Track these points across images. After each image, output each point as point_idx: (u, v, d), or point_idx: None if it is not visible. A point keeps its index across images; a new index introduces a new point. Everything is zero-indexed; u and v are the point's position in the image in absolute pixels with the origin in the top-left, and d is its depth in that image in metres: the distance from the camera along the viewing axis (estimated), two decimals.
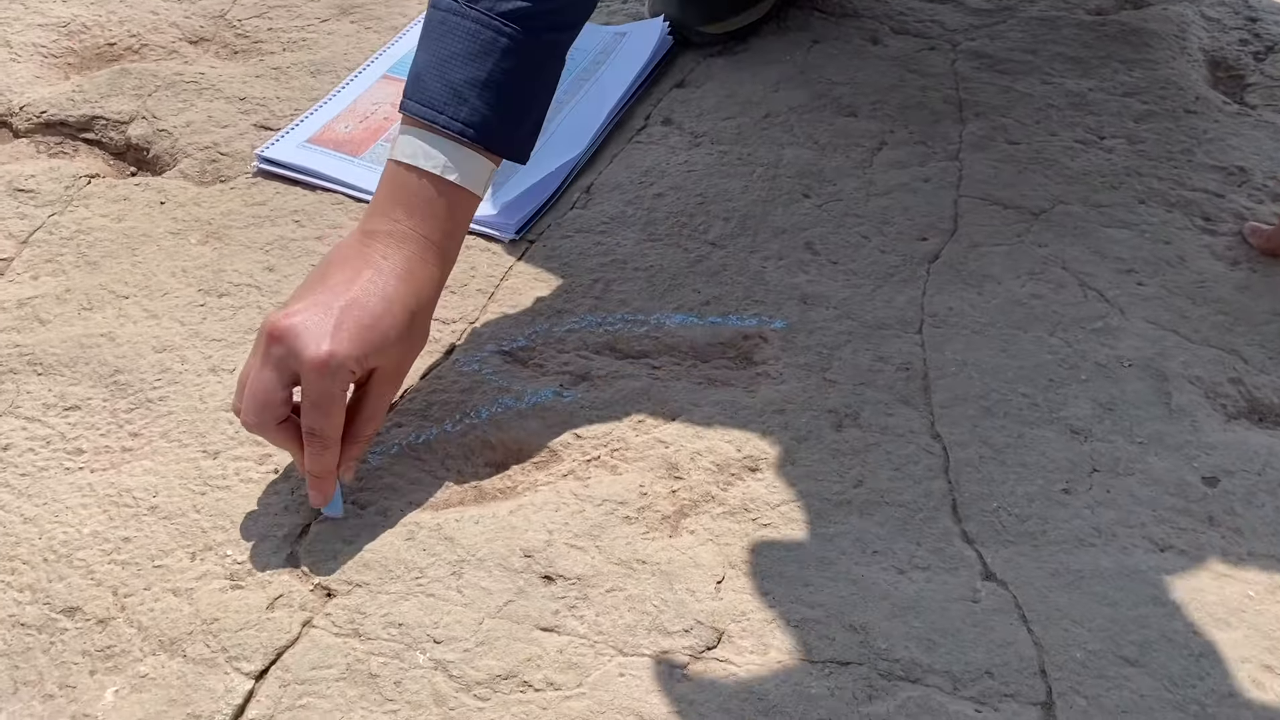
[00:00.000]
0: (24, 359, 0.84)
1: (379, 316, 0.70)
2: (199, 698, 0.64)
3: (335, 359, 0.67)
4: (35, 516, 0.74)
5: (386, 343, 0.70)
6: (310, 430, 0.69)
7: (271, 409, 0.69)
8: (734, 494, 0.75)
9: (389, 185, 0.75)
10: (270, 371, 0.68)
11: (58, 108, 1.08)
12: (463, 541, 0.72)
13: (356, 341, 0.68)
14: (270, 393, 0.68)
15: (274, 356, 0.68)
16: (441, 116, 0.74)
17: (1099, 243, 0.93)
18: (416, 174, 0.74)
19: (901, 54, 1.14)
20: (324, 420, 0.69)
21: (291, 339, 0.68)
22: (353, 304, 0.69)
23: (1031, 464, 0.77)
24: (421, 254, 0.73)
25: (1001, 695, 0.65)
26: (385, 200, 0.74)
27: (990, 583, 0.70)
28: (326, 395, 0.68)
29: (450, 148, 0.74)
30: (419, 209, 0.73)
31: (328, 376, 0.68)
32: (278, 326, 0.68)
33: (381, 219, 0.74)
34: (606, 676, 0.66)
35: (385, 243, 0.73)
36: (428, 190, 0.73)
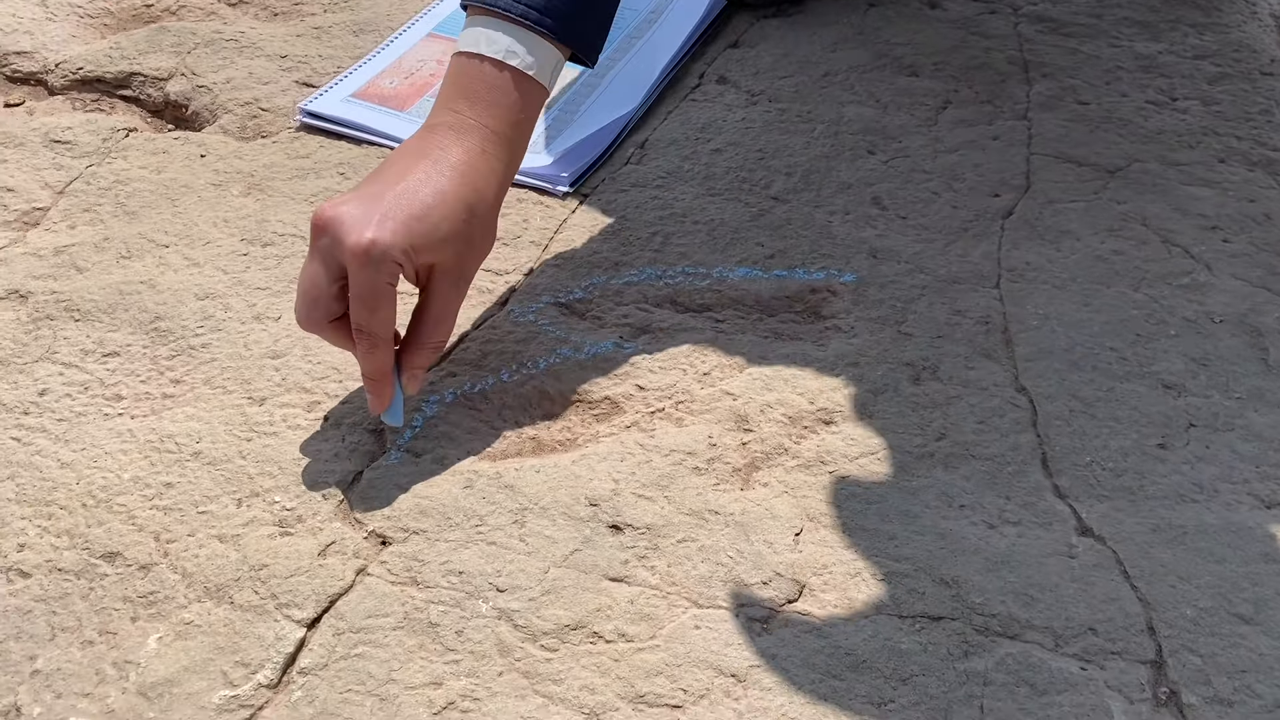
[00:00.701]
0: (61, 305, 0.80)
1: (430, 207, 0.65)
2: (247, 645, 0.60)
3: (377, 247, 0.63)
4: (73, 461, 0.70)
5: (437, 235, 0.65)
6: (357, 326, 0.64)
7: (320, 303, 0.64)
8: (808, 446, 0.71)
9: (451, 77, 0.70)
10: (317, 264, 0.64)
11: (95, 64, 1.05)
12: (524, 490, 0.68)
13: (402, 231, 0.64)
14: (318, 286, 0.64)
15: (320, 248, 0.64)
16: (516, 6, 0.69)
17: (1180, 200, 0.89)
18: (478, 61, 0.69)
19: (961, 17, 1.10)
20: (369, 315, 0.64)
21: (335, 227, 0.64)
22: (403, 193, 0.65)
23: (1124, 418, 0.72)
24: (483, 145, 0.68)
25: (1108, 653, 0.60)
26: (447, 92, 0.70)
27: (1087, 538, 0.66)
28: (370, 287, 0.63)
29: (515, 32, 0.69)
30: (481, 97, 0.69)
31: (370, 266, 0.63)
32: (323, 215, 0.64)
33: (442, 111, 0.69)
34: (681, 629, 0.61)
35: (445, 135, 0.68)
36: (490, 77, 0.69)
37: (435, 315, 0.68)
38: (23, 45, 1.07)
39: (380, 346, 0.65)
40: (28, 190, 0.91)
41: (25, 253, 0.85)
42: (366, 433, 0.72)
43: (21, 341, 0.78)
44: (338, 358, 0.76)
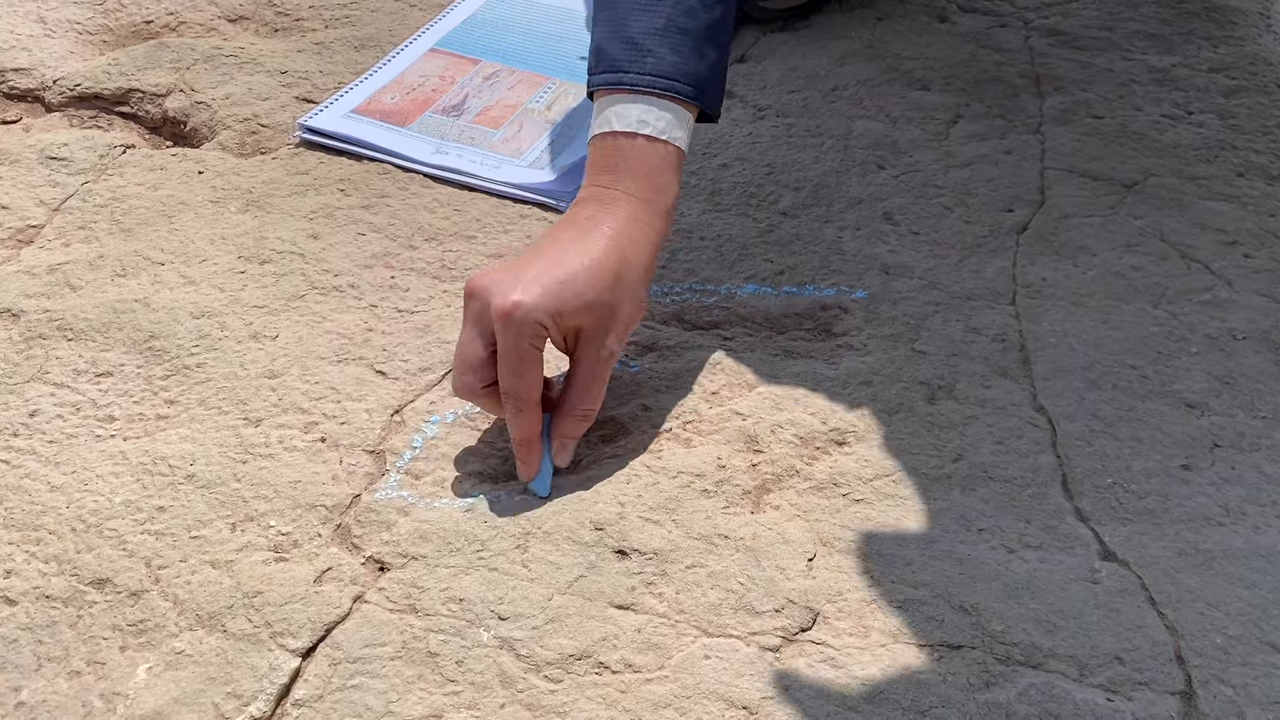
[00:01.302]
0: (54, 324, 0.78)
1: (575, 272, 0.65)
2: (240, 675, 0.58)
3: (520, 308, 0.63)
4: (63, 485, 0.68)
5: (582, 300, 0.65)
6: (504, 389, 0.65)
7: (475, 369, 0.65)
8: (820, 468, 0.69)
9: (592, 157, 0.71)
10: (470, 329, 0.65)
11: (92, 80, 1.03)
12: (527, 514, 0.66)
13: (548, 294, 0.64)
14: (472, 352, 0.65)
15: (472, 312, 0.65)
16: (628, 75, 0.70)
17: (1198, 215, 0.87)
18: (612, 139, 0.70)
19: (972, 31, 1.09)
20: (514, 377, 0.64)
21: (483, 293, 0.65)
22: (550, 260, 0.66)
23: (1146, 439, 0.70)
24: (633, 213, 0.68)
25: (1134, 683, 0.58)
26: (591, 171, 0.71)
27: (1110, 563, 0.64)
28: (515, 349, 0.64)
29: (642, 102, 0.70)
30: (622, 169, 0.70)
31: (514, 327, 0.63)
32: (474, 282, 0.65)
33: (589, 189, 0.70)
34: (690, 658, 0.59)
35: (591, 207, 0.69)
36: (626, 149, 0.70)
37: (582, 382, 0.67)
38: (20, 62, 1.05)
39: (526, 410, 0.65)
40: (22, 207, 0.89)
41: (18, 270, 0.83)
42: (365, 454, 0.70)
43: (13, 361, 0.76)
44: (335, 378, 0.74)
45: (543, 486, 0.67)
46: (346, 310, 0.80)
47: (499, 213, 0.89)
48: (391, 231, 0.86)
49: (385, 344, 0.77)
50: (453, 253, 0.85)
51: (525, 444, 0.66)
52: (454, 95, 0.99)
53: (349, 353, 0.76)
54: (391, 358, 0.76)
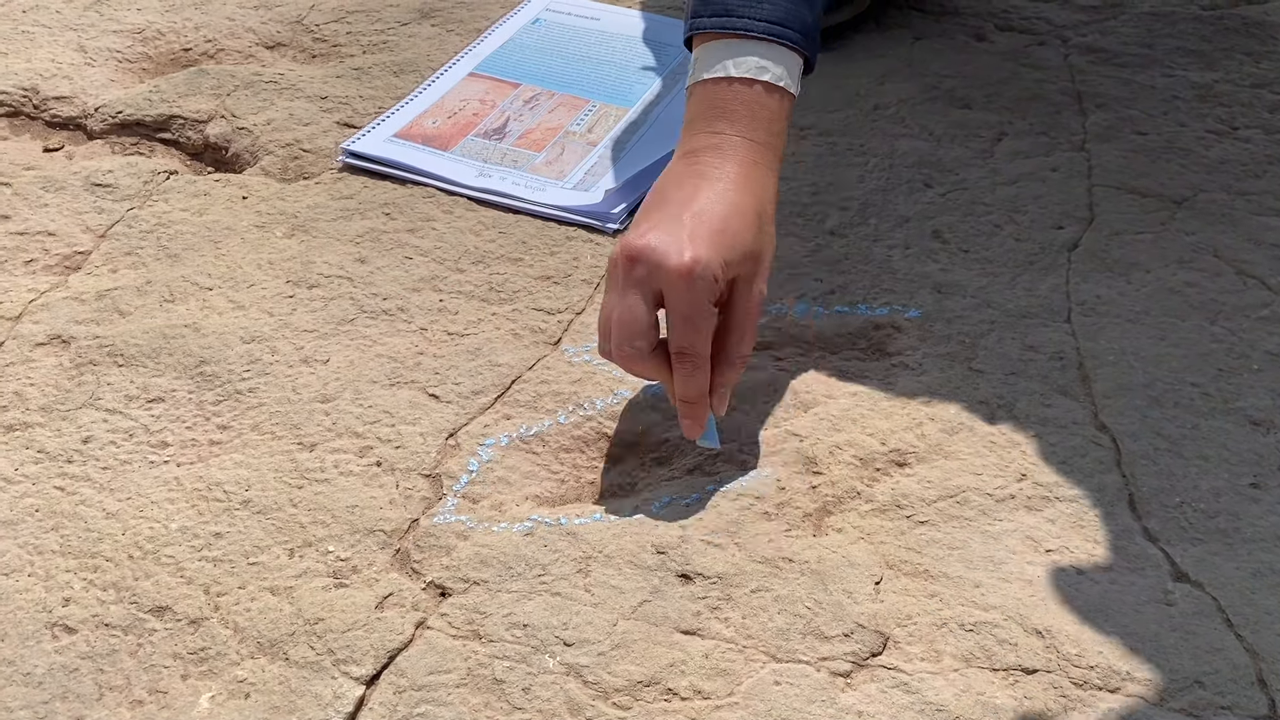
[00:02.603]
0: (104, 350, 0.78)
1: (727, 219, 0.66)
2: (305, 704, 0.57)
3: (700, 264, 0.64)
4: (118, 511, 0.68)
5: (741, 246, 0.66)
6: (681, 349, 0.65)
7: (644, 333, 0.65)
8: (882, 489, 0.68)
9: (700, 103, 0.71)
10: (634, 295, 0.65)
11: (134, 108, 1.04)
12: (587, 537, 0.65)
13: (715, 246, 0.65)
14: (639, 316, 0.65)
15: (635, 278, 0.65)
16: (741, 20, 0.70)
17: (1251, 230, 0.86)
18: (726, 84, 0.70)
19: (1010, 49, 1.08)
20: (694, 335, 0.65)
21: (650, 255, 0.64)
22: (699, 213, 0.66)
23: (1213, 457, 0.69)
24: (753, 157, 0.69)
25: (1217, 707, 0.57)
26: (699, 118, 0.70)
27: (1183, 584, 0.62)
28: (696, 306, 0.64)
29: (758, 49, 0.70)
30: (739, 115, 0.69)
31: (694, 285, 0.64)
32: (632, 246, 0.65)
33: (701, 136, 0.70)
34: (760, 684, 0.58)
35: (712, 155, 0.69)
36: (743, 95, 0.69)
37: (740, 327, 0.67)
38: (62, 90, 1.06)
39: (702, 367, 0.66)
40: (69, 234, 0.89)
41: (67, 297, 0.83)
42: (421, 478, 0.69)
43: (64, 388, 0.76)
44: (389, 402, 0.74)
45: (713, 439, 0.67)
46: (396, 334, 0.79)
47: (544, 235, 0.88)
48: (438, 255, 0.86)
49: (437, 367, 0.76)
50: (500, 275, 0.84)
51: (699, 401, 0.66)
52: (495, 119, 0.99)
53: (401, 376, 0.76)
54: (444, 381, 0.75)
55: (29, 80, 1.06)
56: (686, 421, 0.67)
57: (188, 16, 1.17)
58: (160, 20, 1.16)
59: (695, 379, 0.66)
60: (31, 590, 0.63)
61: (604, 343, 0.67)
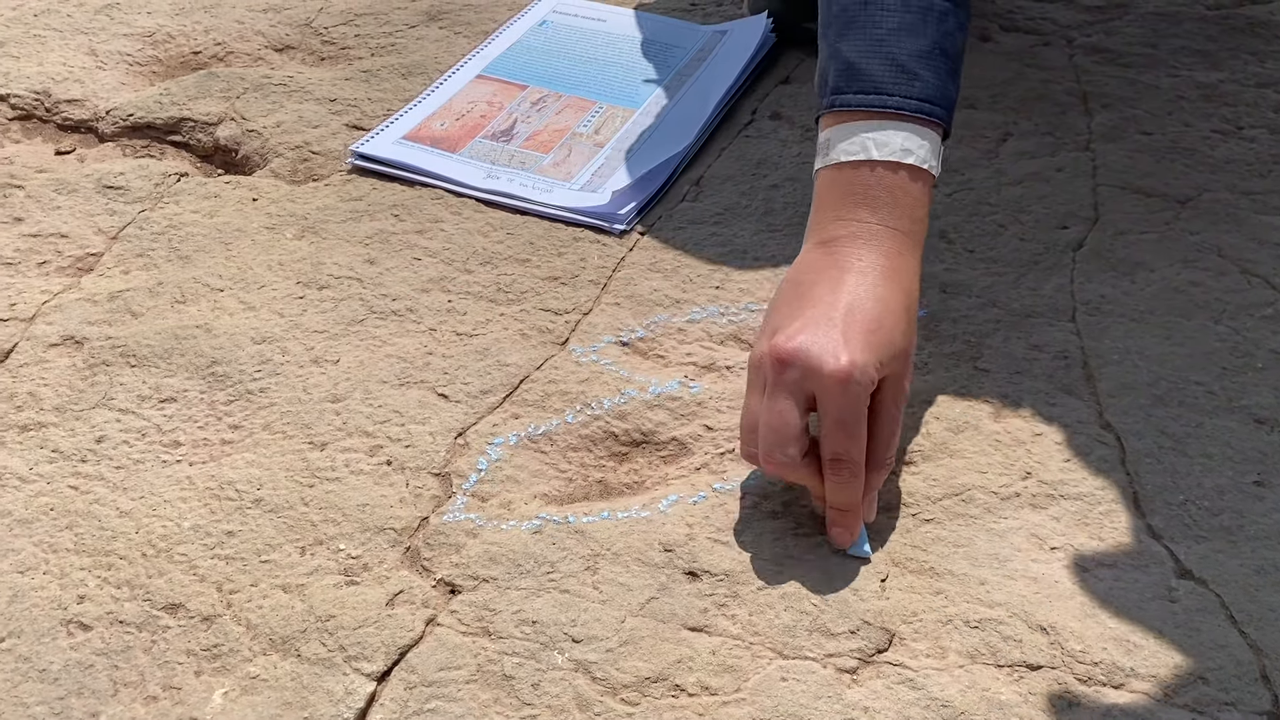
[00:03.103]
0: (116, 351, 0.79)
1: (880, 318, 0.63)
2: (316, 700, 0.58)
3: (857, 368, 0.61)
4: (132, 510, 0.68)
5: (894, 345, 0.63)
6: (837, 456, 0.62)
7: (796, 439, 0.62)
8: (888, 487, 0.69)
9: (836, 187, 0.67)
10: (785, 399, 0.62)
11: (145, 110, 1.05)
12: (595, 535, 0.66)
13: (870, 347, 0.62)
14: (791, 422, 0.62)
15: (787, 382, 0.62)
16: (893, 99, 0.67)
17: (1256, 229, 0.86)
18: (868, 168, 0.66)
19: (1015, 49, 1.09)
20: (851, 441, 0.62)
21: (804, 358, 0.61)
22: (851, 311, 0.63)
23: (1217, 455, 0.69)
24: (897, 248, 0.66)
25: (1220, 703, 0.57)
26: (836, 204, 0.67)
27: (1187, 581, 0.63)
28: (852, 412, 0.61)
29: (904, 129, 0.67)
30: (882, 202, 0.66)
31: (851, 390, 0.61)
32: (783, 349, 0.62)
33: (839, 224, 0.67)
34: (767, 681, 0.59)
35: (853, 245, 0.66)
36: (886, 180, 0.66)
37: (888, 430, 0.64)
38: (73, 93, 1.07)
39: (859, 474, 0.62)
40: (81, 236, 0.90)
41: (80, 298, 0.84)
42: (430, 477, 0.70)
43: (78, 388, 0.76)
44: (398, 401, 0.75)
45: (864, 548, 0.64)
46: (406, 334, 0.80)
47: (552, 236, 0.89)
48: (446, 256, 0.87)
49: (446, 367, 0.77)
50: (508, 276, 0.85)
51: (853, 510, 0.63)
52: (502, 120, 1.00)
53: (410, 376, 0.76)
54: (453, 381, 0.76)
55: (40, 83, 1.07)
56: (837, 530, 0.64)
57: (197, 20, 1.18)
58: (170, 24, 1.17)
59: (851, 486, 0.62)
60: (47, 588, 0.64)
61: (747, 446, 0.65)
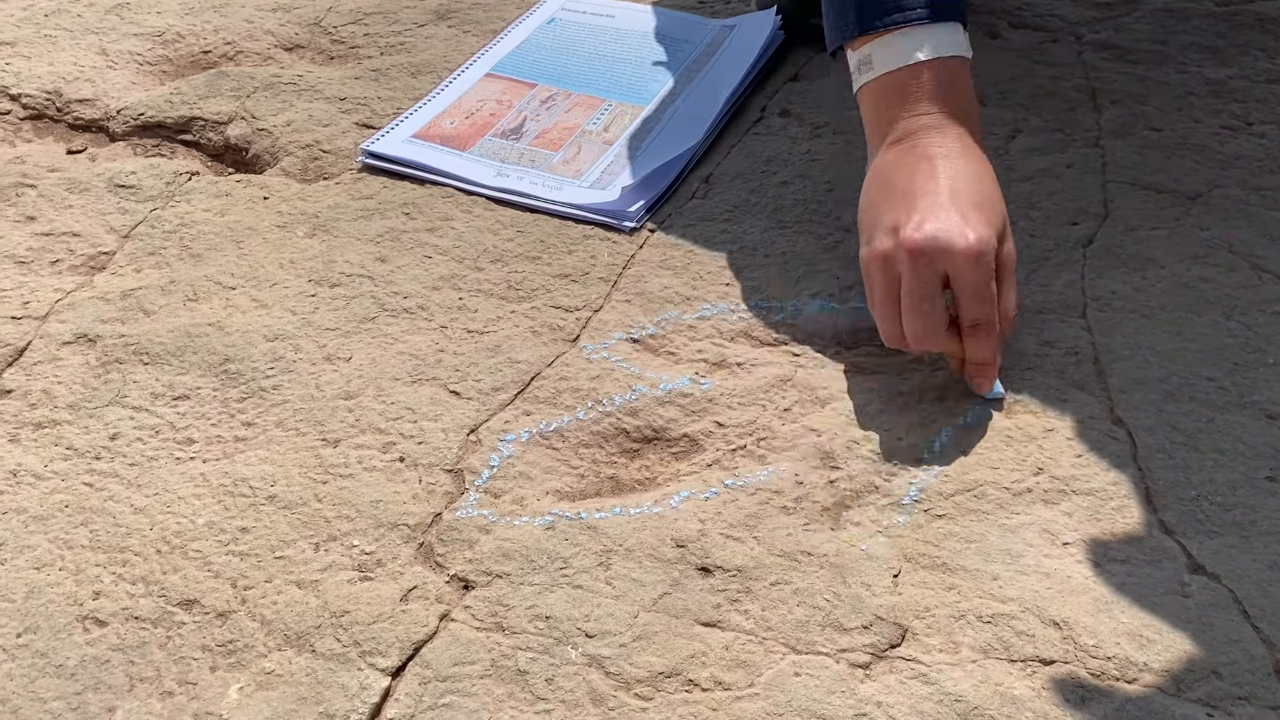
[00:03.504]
0: (129, 349, 0.79)
1: (983, 195, 0.71)
2: (331, 695, 0.58)
3: (984, 242, 0.69)
4: (146, 507, 0.69)
5: (999, 213, 0.72)
6: (975, 320, 0.70)
7: (944, 319, 0.70)
8: (899, 484, 0.69)
9: (889, 94, 0.75)
10: (924, 284, 0.70)
11: (155, 109, 1.05)
12: (608, 531, 0.66)
13: (985, 221, 0.70)
14: (935, 302, 0.70)
15: (920, 269, 0.69)
16: (914, 12, 0.75)
17: (1266, 225, 0.86)
18: (910, 70, 0.75)
19: (1024, 46, 1.09)
20: (988, 306, 0.70)
21: (935, 245, 0.69)
22: (955, 193, 0.71)
23: (1229, 450, 0.69)
24: (966, 128, 0.74)
25: (1234, 698, 0.57)
26: (896, 106, 0.75)
27: (1200, 576, 0.63)
28: (985, 282, 0.70)
29: (929, 32, 0.75)
30: (938, 95, 0.74)
31: (980, 262, 0.69)
32: (915, 241, 0.69)
33: (909, 121, 0.74)
34: (780, 676, 0.59)
35: (929, 136, 0.74)
36: (936, 76, 0.74)
37: (1008, 288, 0.72)
38: (84, 93, 1.07)
39: (994, 332, 0.71)
40: (93, 235, 0.91)
41: (92, 297, 0.84)
42: (443, 473, 0.70)
43: (91, 386, 0.77)
44: (410, 398, 0.75)
45: (1000, 389, 0.73)
46: (417, 331, 0.80)
47: (562, 233, 0.89)
48: (457, 254, 0.87)
49: (457, 364, 0.77)
50: (518, 274, 0.85)
51: (991, 362, 0.72)
52: (512, 119, 1.00)
53: (422, 373, 0.77)
54: (464, 378, 0.76)
55: (52, 83, 1.08)
56: (979, 379, 0.72)
57: (207, 19, 1.18)
58: (180, 23, 1.17)
59: (988, 343, 0.71)
60: (63, 584, 0.64)
61: (889, 330, 0.72)
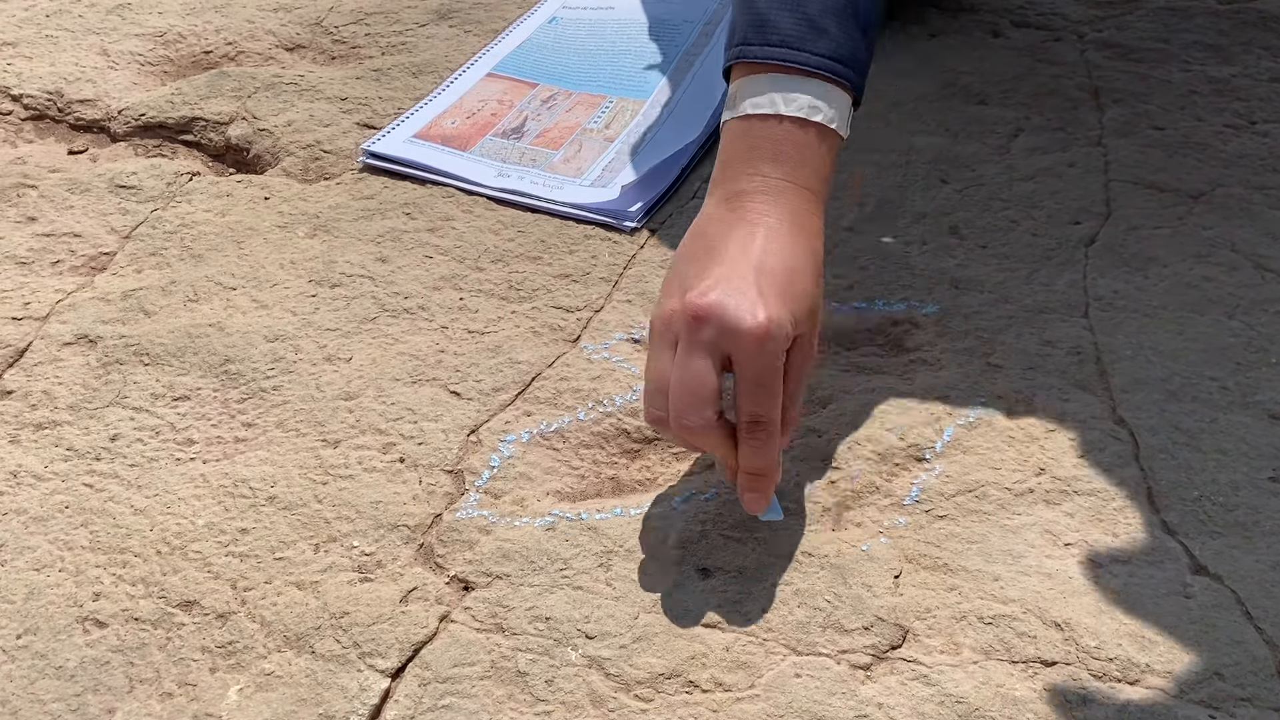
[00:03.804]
0: (130, 350, 0.79)
1: (793, 275, 0.62)
2: (331, 697, 0.58)
3: (774, 323, 0.59)
4: (146, 508, 0.69)
5: (807, 305, 0.62)
6: (754, 418, 0.60)
7: (712, 401, 0.60)
8: (901, 484, 0.69)
9: (742, 142, 0.65)
10: (700, 358, 0.60)
11: (157, 110, 1.05)
12: (608, 532, 0.66)
13: (785, 305, 0.60)
14: (706, 383, 0.59)
15: (702, 341, 0.60)
16: (802, 54, 0.65)
17: (1269, 224, 0.86)
18: (775, 122, 0.64)
19: (1026, 45, 1.08)
20: (769, 401, 0.60)
21: (720, 315, 0.59)
22: (763, 268, 0.61)
23: (1231, 450, 0.69)
24: (804, 205, 0.64)
25: (1236, 699, 0.57)
26: (742, 158, 0.65)
27: (1202, 577, 0.63)
28: (770, 371, 0.60)
29: (812, 86, 0.65)
30: (787, 158, 0.64)
31: (768, 347, 0.59)
32: (698, 305, 0.60)
33: (745, 179, 0.65)
34: (781, 677, 0.59)
35: (760, 201, 0.64)
36: (793, 136, 0.64)
37: (796, 390, 0.63)
38: (85, 93, 1.07)
39: (774, 436, 0.61)
40: (94, 235, 0.90)
41: (93, 297, 0.84)
42: (443, 474, 0.70)
43: (92, 386, 0.77)
44: (411, 399, 0.75)
45: (778, 512, 0.65)
46: (418, 332, 0.80)
47: (563, 233, 0.89)
48: (458, 254, 0.87)
49: (458, 365, 0.77)
50: (519, 274, 0.85)
51: (768, 472, 0.62)
52: (513, 118, 1.00)
53: (423, 374, 0.77)
54: (465, 378, 0.76)
55: (53, 84, 1.08)
56: (751, 495, 0.62)
57: (208, 19, 1.18)
58: (181, 23, 1.17)
59: (768, 448, 0.61)
60: (62, 585, 0.64)
61: (654, 409, 0.62)
